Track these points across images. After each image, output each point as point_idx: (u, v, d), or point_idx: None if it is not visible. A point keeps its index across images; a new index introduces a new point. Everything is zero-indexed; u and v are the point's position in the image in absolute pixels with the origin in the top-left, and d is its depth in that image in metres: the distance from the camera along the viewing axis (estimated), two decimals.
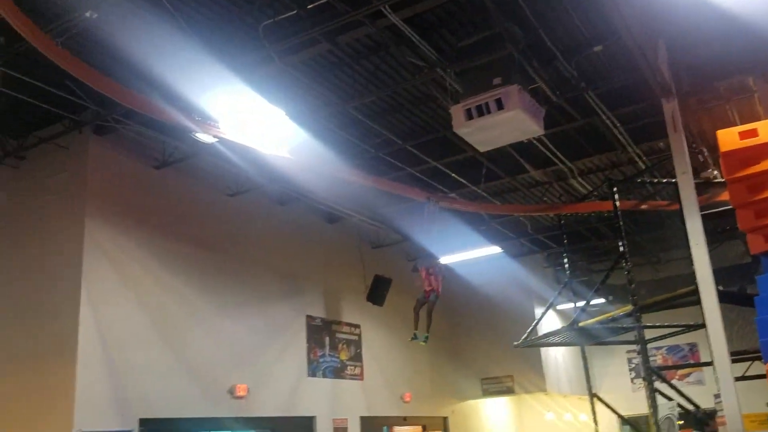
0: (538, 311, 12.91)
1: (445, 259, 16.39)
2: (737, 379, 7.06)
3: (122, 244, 10.17)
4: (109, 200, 10.13)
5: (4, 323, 9.90)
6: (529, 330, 11.57)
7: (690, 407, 8.89)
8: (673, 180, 7.73)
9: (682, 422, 8.28)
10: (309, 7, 7.32)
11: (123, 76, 8.04)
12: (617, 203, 9.55)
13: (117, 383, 9.54)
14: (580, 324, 9.81)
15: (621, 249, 9.26)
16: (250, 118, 8.51)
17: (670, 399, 8.64)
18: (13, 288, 10.07)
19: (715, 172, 9.74)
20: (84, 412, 8.97)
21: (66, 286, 9.52)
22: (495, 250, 15.83)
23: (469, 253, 15.93)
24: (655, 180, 11.16)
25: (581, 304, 10.91)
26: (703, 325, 7.01)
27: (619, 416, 10.58)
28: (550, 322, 16.48)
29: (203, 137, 9.22)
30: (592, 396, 10.47)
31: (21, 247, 10.23)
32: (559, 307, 17.31)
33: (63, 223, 9.94)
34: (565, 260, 11.82)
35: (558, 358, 18.99)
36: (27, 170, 10.53)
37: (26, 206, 10.40)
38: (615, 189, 9.64)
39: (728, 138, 6.38)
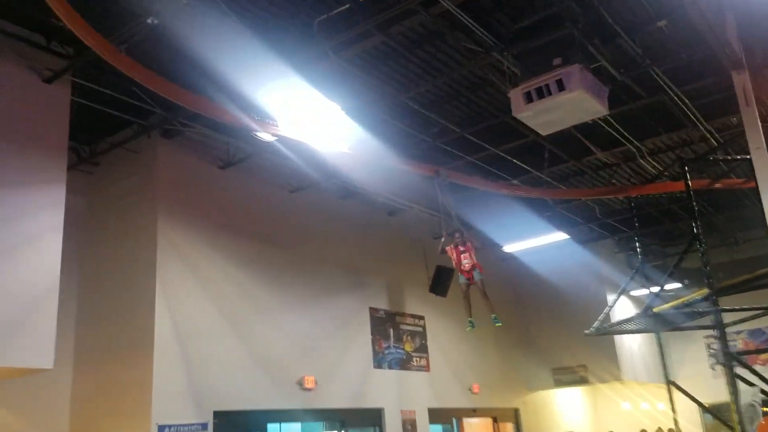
0: (611, 298, 12.50)
1: (509, 248, 16.23)
2: None
3: (192, 242, 10.50)
4: (178, 200, 10.48)
5: (89, 321, 10.42)
6: (600, 318, 11.24)
7: None
8: (748, 156, 7.34)
9: (767, 409, 7.88)
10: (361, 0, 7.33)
11: (185, 79, 8.29)
12: (690, 183, 9.16)
13: (191, 377, 9.87)
14: (655, 310, 9.48)
15: (695, 230, 8.87)
16: (307, 115, 8.60)
17: (752, 385, 8.24)
18: (95, 287, 10.57)
19: None
20: (161, 405, 9.33)
21: (142, 283, 9.92)
22: (562, 236, 15.47)
23: (534, 241, 15.64)
24: (729, 157, 10.62)
25: (655, 289, 10.54)
26: None
27: (699, 404, 10.15)
28: (623, 308, 15.97)
29: (263, 136, 9.40)
30: (669, 384, 10.09)
31: (100, 248, 10.72)
32: (632, 293, 16.75)
33: (137, 224, 10.36)
34: (637, 244, 11.46)
35: (633, 346, 18.40)
36: (101, 175, 11.02)
37: (102, 209, 10.89)
38: (687, 168, 9.27)
39: None
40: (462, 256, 9.45)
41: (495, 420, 16.84)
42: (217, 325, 10.47)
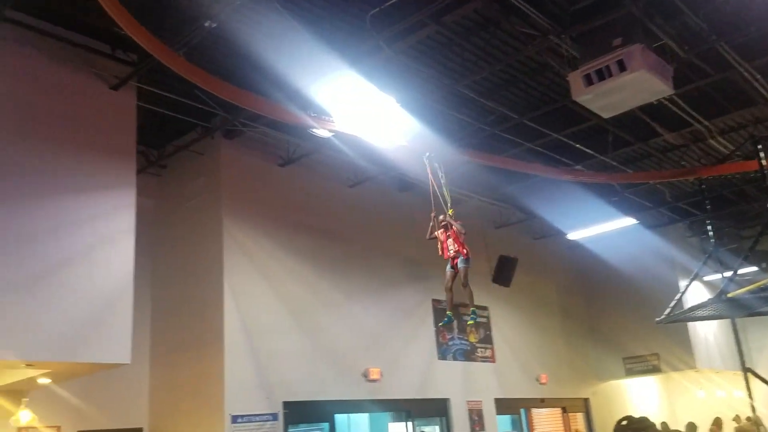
0: (683, 284, 12.03)
1: (575, 235, 15.85)
2: None
3: (256, 239, 10.76)
4: (241, 199, 10.75)
5: (163, 317, 10.86)
6: (672, 304, 10.83)
7: None
8: None
9: None
10: None
11: (244, 79, 8.50)
12: (763, 162, 8.69)
13: (261, 369, 10.15)
14: (729, 295, 9.03)
15: None
16: (362, 109, 8.63)
17: None
18: (167, 285, 11.00)
19: None
20: (233, 397, 9.64)
21: (210, 280, 10.25)
22: (630, 221, 15.01)
23: (601, 227, 15.23)
24: None
25: (729, 273, 10.06)
26: None
27: None
28: (696, 295, 15.35)
29: (321, 133, 9.51)
30: (746, 371, 9.65)
31: (170, 248, 11.15)
32: (706, 279, 16.09)
33: (204, 223, 10.70)
34: (710, 227, 10.95)
35: (708, 333, 17.69)
36: (168, 177, 11.44)
37: (171, 210, 11.31)
38: (760, 146, 8.77)
39: None
40: (447, 242, 8.61)
41: (564, 410, 16.55)
42: (283, 319, 10.70)
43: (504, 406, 14.50)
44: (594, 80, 7.43)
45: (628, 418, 4.20)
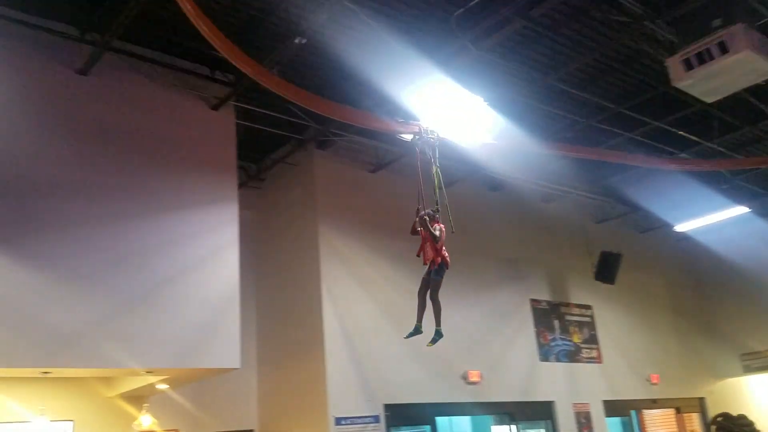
0: None
1: (682, 227, 15.01)
2: None
3: (350, 245, 10.97)
4: (336, 206, 11.01)
5: (267, 324, 11.33)
6: None
7: None
8: None
9: None
10: None
11: (334, 89, 8.71)
12: None
13: (361, 373, 10.33)
14: None
15: None
16: (451, 111, 8.58)
17: None
18: (270, 293, 11.45)
19: None
20: (336, 400, 9.87)
21: (310, 287, 10.56)
22: (742, 210, 14.06)
23: (710, 218, 14.38)
24: None
25: None
26: None
27: None
28: None
29: (408, 137, 9.54)
30: None
31: (271, 257, 11.59)
32: None
33: (301, 232, 11.04)
34: None
35: None
36: (267, 189, 11.90)
37: (270, 221, 11.76)
38: None
39: None
40: (426, 243, 7.34)
41: (678, 410, 15.70)
42: (380, 323, 10.83)
43: (613, 407, 13.94)
44: (694, 64, 7.05)
45: (725, 414, 3.95)
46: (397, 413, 10.46)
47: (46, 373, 7.69)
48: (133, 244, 7.90)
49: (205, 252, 8.54)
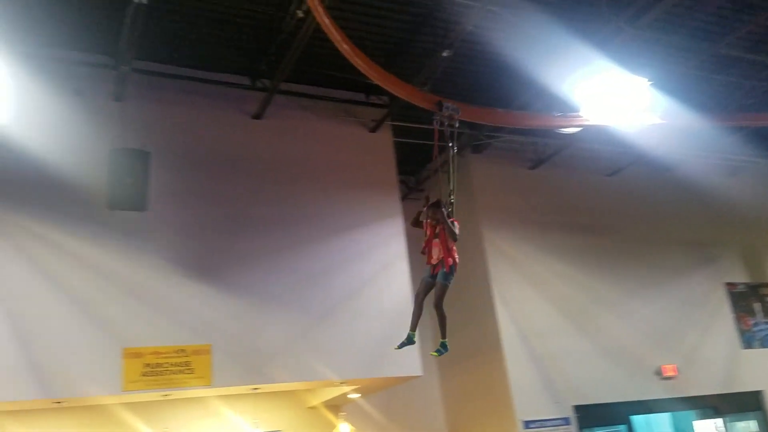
0: None
1: None
2: None
3: (516, 245, 10.86)
4: (495, 208, 10.96)
5: (452, 331, 11.50)
6: None
7: None
8: None
9: None
10: None
11: (485, 90, 8.68)
12: None
13: (544, 374, 10.16)
14: None
15: None
16: (613, 96, 8.18)
17: None
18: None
19: None
20: (522, 402, 9.82)
21: (481, 290, 10.61)
22: None
23: None
24: None
25: None
26: None
27: None
28: None
29: (569, 130, 9.27)
30: None
31: None
32: None
33: (466, 237, 11.07)
34: None
35: None
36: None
37: None
38: None
39: None
40: (434, 241, 6.06)
41: None
42: (557, 322, 10.60)
43: None
44: None
45: None
46: (589, 414, 10.17)
47: (255, 389, 8.56)
48: (314, 266, 8.54)
49: (379, 266, 8.98)
